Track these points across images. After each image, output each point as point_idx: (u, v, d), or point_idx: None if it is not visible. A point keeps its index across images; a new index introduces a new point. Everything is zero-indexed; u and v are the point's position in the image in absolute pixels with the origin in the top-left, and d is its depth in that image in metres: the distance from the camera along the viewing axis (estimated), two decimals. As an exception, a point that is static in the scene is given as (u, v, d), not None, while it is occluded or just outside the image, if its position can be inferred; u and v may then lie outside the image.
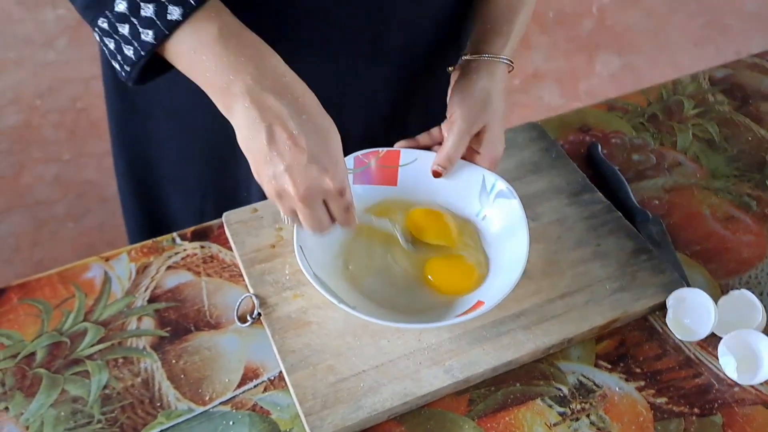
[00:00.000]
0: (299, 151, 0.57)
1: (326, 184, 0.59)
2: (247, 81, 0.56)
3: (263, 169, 0.59)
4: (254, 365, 0.66)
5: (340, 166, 0.60)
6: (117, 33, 0.57)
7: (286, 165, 0.57)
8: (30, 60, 2.37)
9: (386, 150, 0.76)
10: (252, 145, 0.58)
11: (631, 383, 0.66)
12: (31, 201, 1.94)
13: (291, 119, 0.57)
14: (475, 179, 0.74)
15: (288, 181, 0.58)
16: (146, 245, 0.76)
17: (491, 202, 0.73)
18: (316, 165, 0.58)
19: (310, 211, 0.61)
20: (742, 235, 0.79)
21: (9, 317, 0.69)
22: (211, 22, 0.57)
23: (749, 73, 1.00)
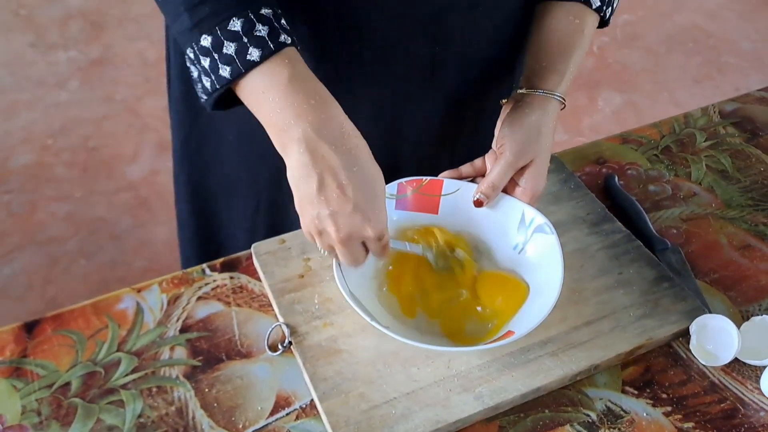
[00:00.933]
0: (346, 201, 0.60)
1: (367, 231, 0.62)
2: (306, 128, 0.59)
3: (307, 209, 0.62)
4: (286, 393, 0.67)
5: (382, 215, 0.63)
6: (199, 64, 0.61)
7: (332, 211, 0.61)
8: (42, 101, 2.41)
9: (429, 179, 0.78)
10: (301, 186, 0.61)
11: (658, 408, 0.67)
12: (44, 238, 1.95)
13: (342, 170, 0.60)
14: (515, 213, 0.75)
15: (330, 225, 0.61)
16: (177, 276, 0.77)
17: (529, 236, 0.74)
18: (360, 214, 0.61)
19: (347, 252, 0.64)
20: (760, 263, 0.80)
21: (44, 348, 0.70)
22: (284, 67, 0.60)
23: (757, 107, 1.03)
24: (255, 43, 0.59)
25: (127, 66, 2.56)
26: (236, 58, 0.60)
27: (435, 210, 0.78)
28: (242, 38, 0.59)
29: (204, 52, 0.60)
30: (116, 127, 2.33)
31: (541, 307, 0.67)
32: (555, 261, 0.70)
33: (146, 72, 2.55)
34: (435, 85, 0.80)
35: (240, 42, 0.59)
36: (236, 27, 0.59)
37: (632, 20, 2.95)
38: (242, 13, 0.59)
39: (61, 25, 2.75)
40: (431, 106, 0.83)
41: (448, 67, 0.79)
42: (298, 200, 0.63)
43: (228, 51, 0.60)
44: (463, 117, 0.87)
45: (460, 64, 0.80)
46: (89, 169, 2.17)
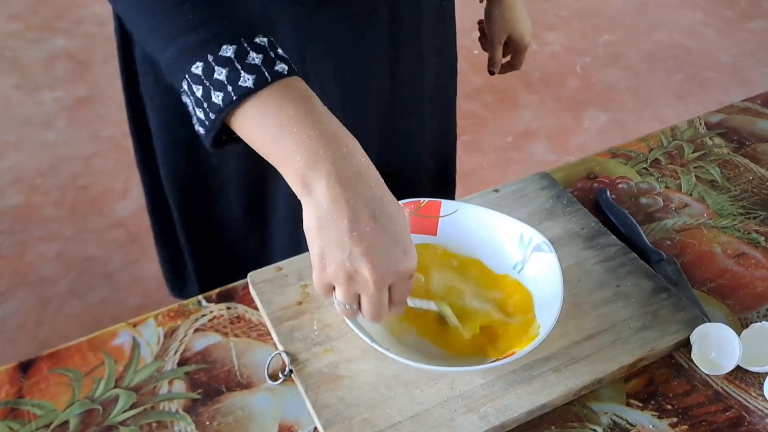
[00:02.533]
0: (381, 233, 0.57)
1: (403, 266, 0.58)
2: (336, 161, 0.56)
3: (335, 252, 0.57)
4: (289, 422, 0.67)
5: (413, 249, 0.60)
6: (193, 95, 0.58)
7: (366, 246, 0.56)
8: (30, 141, 2.40)
9: (428, 200, 0.77)
10: (329, 226, 0.57)
11: (664, 420, 0.66)
12: (35, 279, 1.94)
13: (373, 202, 0.57)
14: (513, 232, 0.75)
15: (365, 264, 0.57)
16: (172, 309, 0.76)
17: (528, 255, 0.74)
18: (396, 246, 0.58)
19: (379, 296, 0.59)
20: (755, 270, 0.80)
21: (40, 387, 0.69)
22: (301, 98, 0.57)
23: (742, 117, 1.04)
24: (248, 70, 0.56)
25: (113, 103, 2.57)
26: (227, 85, 0.56)
27: (434, 231, 0.77)
28: (234, 64, 0.56)
29: (196, 80, 0.57)
30: (104, 164, 2.33)
31: (542, 325, 0.67)
32: (554, 279, 0.70)
33: (133, 109, 2.55)
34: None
35: (232, 68, 0.56)
36: (229, 53, 0.57)
37: (613, 40, 2.99)
38: (235, 40, 0.57)
39: (46, 66, 2.76)
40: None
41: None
42: (321, 246, 0.58)
43: (219, 77, 0.56)
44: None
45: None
46: (79, 208, 2.16)
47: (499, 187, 0.88)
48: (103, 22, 3.01)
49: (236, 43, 0.57)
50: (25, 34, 2.94)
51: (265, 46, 0.58)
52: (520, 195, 0.87)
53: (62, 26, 2.99)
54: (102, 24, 3.00)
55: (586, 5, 3.21)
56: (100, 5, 3.08)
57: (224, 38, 0.57)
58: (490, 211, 0.78)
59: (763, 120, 1.03)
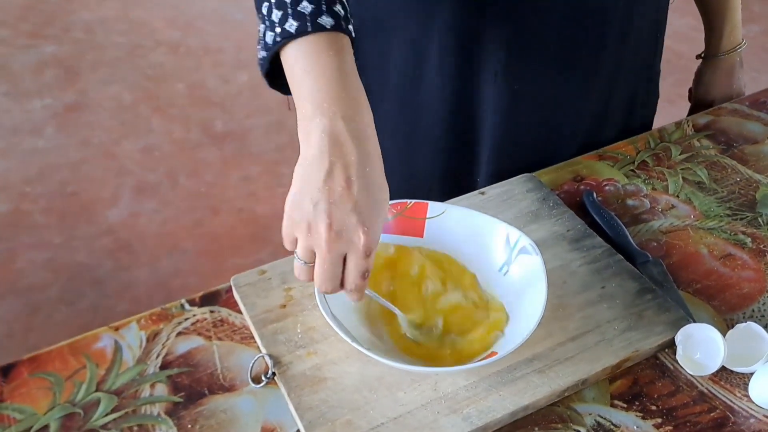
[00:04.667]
0: (348, 197, 0.58)
1: (358, 237, 0.59)
2: (336, 116, 0.59)
3: (304, 200, 0.59)
4: (272, 425, 0.66)
5: (377, 229, 0.60)
6: (259, 32, 0.64)
7: (331, 203, 0.58)
8: (18, 148, 2.40)
9: (414, 202, 0.77)
10: (308, 173, 0.59)
11: (648, 421, 0.66)
12: (24, 286, 1.93)
13: (355, 167, 0.58)
14: (499, 235, 0.75)
15: (324, 218, 0.58)
16: (155, 313, 0.76)
17: (513, 257, 0.74)
18: (356, 216, 0.58)
19: (329, 259, 0.60)
20: (741, 271, 0.80)
21: (21, 391, 0.69)
22: (329, 52, 0.61)
23: (730, 119, 1.04)
24: (295, 15, 0.61)
25: (102, 110, 2.56)
26: (277, 26, 0.61)
27: (420, 233, 0.77)
28: (288, 8, 0.61)
29: (261, 20, 0.63)
30: (94, 171, 2.32)
31: (526, 327, 0.66)
32: (539, 282, 0.69)
33: (122, 115, 2.55)
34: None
35: (285, 11, 0.61)
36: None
37: (603, 45, 3.00)
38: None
39: (35, 73, 2.75)
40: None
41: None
42: (297, 189, 0.60)
43: (274, 18, 0.62)
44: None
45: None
46: (68, 215, 2.16)
47: (485, 189, 0.88)
48: (91, 29, 3.00)
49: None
50: (14, 40, 2.93)
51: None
52: (506, 197, 0.87)
53: (51, 33, 2.98)
54: (91, 31, 3.00)
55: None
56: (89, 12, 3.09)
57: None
58: (476, 213, 0.77)
59: (751, 122, 1.03)
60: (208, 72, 2.84)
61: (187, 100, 2.67)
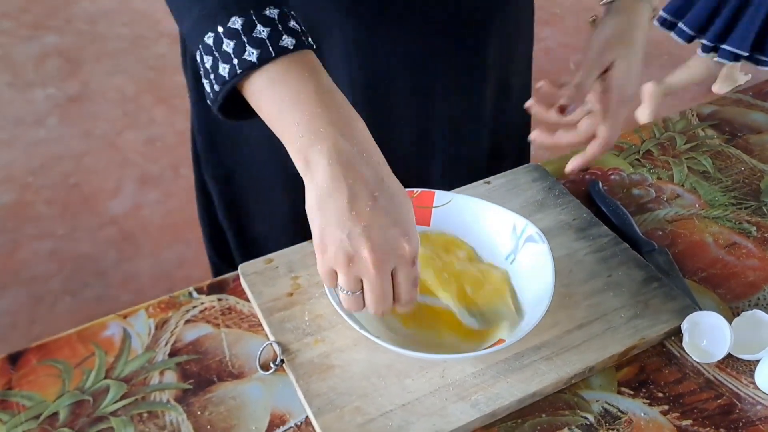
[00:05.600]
0: (380, 213, 0.56)
1: (403, 249, 0.57)
2: (338, 139, 0.56)
3: (335, 233, 0.56)
4: (280, 412, 0.66)
5: (414, 231, 0.59)
6: (203, 65, 0.59)
7: (365, 226, 0.55)
8: (21, 139, 2.39)
9: (421, 191, 0.77)
10: (328, 205, 0.56)
11: (655, 408, 0.66)
12: (27, 277, 1.93)
13: (374, 180, 0.56)
14: (506, 223, 0.75)
15: (364, 244, 0.55)
16: (163, 301, 0.76)
17: (520, 245, 0.74)
18: (396, 228, 0.56)
19: (380, 280, 0.57)
20: (746, 260, 0.80)
21: (29, 379, 0.69)
22: (308, 73, 0.57)
23: (734, 108, 1.04)
24: (252, 43, 0.56)
25: (105, 101, 2.56)
26: (233, 58, 0.56)
27: (427, 222, 0.77)
28: (241, 36, 0.56)
29: (207, 51, 0.58)
30: (96, 162, 2.32)
31: (533, 315, 0.67)
32: (546, 269, 0.70)
33: (124, 106, 2.55)
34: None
35: (238, 40, 0.56)
36: (237, 25, 0.56)
37: (605, 36, 2.99)
38: (244, 12, 0.56)
39: (37, 64, 2.75)
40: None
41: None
42: (321, 227, 0.57)
43: (227, 49, 0.57)
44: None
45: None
46: (71, 206, 2.16)
47: (491, 179, 0.88)
48: (94, 20, 3.00)
49: (245, 15, 0.57)
50: (17, 31, 2.93)
51: (275, 18, 0.57)
52: (512, 186, 0.87)
53: (54, 24, 2.98)
54: (93, 22, 2.99)
55: (580, 1, 3.22)
56: (91, 3, 3.08)
57: (233, 10, 0.57)
58: (483, 202, 0.77)
59: (754, 111, 1.03)
60: (210, 63, 2.83)
61: (190, 92, 2.67)
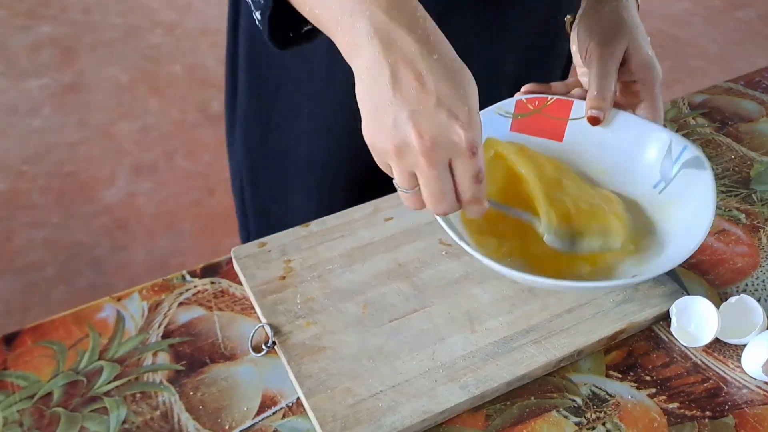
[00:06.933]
0: (426, 95, 0.49)
1: (456, 134, 0.50)
2: (375, 11, 0.50)
3: (381, 120, 0.50)
4: (272, 393, 0.67)
5: (474, 117, 0.51)
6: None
7: (410, 110, 0.49)
8: (16, 128, 2.39)
9: (556, 98, 0.67)
10: (371, 88, 0.50)
11: (643, 391, 0.67)
12: (22, 265, 1.94)
13: (420, 58, 0.49)
14: (659, 144, 0.64)
15: (411, 130, 0.49)
16: (157, 284, 0.77)
17: (675, 172, 0.64)
18: (445, 110, 0.49)
19: (433, 172, 0.51)
20: (735, 246, 0.81)
21: (24, 359, 0.70)
22: None
23: (725, 97, 1.05)
24: None
25: (99, 91, 2.56)
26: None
27: (559, 136, 0.67)
28: None
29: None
30: (91, 151, 2.32)
31: (679, 250, 0.58)
32: (705, 202, 0.59)
33: (119, 96, 2.55)
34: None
35: None
36: None
37: (601, 28, 3.00)
38: None
39: (32, 53, 2.74)
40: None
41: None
42: (368, 115, 0.51)
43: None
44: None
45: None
46: (65, 194, 2.16)
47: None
48: (89, 10, 2.99)
49: None
50: (11, 21, 2.92)
51: None
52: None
53: (48, 13, 2.97)
54: (88, 11, 2.98)
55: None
56: (87, -8, 3.07)
57: None
58: (630, 116, 0.66)
59: (745, 100, 1.04)
60: (205, 53, 2.83)
61: (185, 81, 2.67)
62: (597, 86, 0.64)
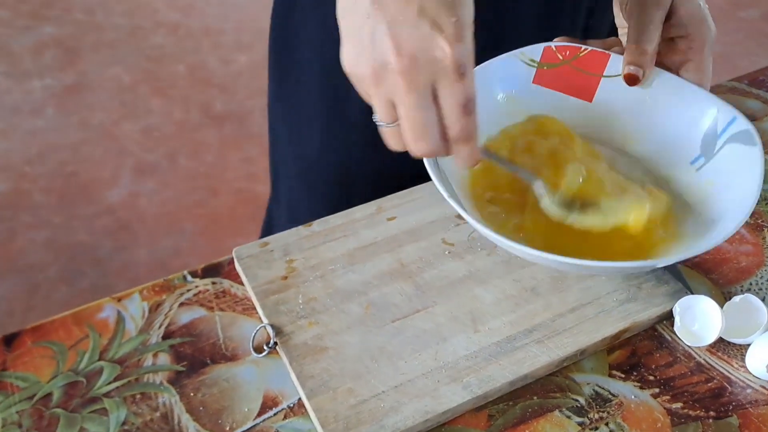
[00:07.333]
0: (408, 2, 0.42)
1: (439, 49, 0.43)
2: None
3: (360, 38, 0.44)
4: (273, 394, 0.67)
5: (464, 31, 0.43)
6: None
7: (389, 21, 0.42)
8: (18, 128, 2.39)
9: (592, 49, 0.57)
10: (351, 5, 0.44)
11: (646, 390, 0.67)
12: (24, 265, 1.94)
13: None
14: (704, 112, 0.56)
15: (389, 46, 0.43)
16: (157, 284, 0.76)
17: (719, 146, 0.56)
18: (428, 20, 0.42)
19: (414, 96, 0.44)
20: (739, 245, 0.81)
21: (24, 360, 0.69)
22: None
23: (729, 96, 1.04)
24: None
25: (102, 91, 2.56)
26: None
27: (589, 95, 0.58)
28: None
29: None
30: (93, 151, 2.32)
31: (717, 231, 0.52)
32: (751, 179, 0.51)
33: (122, 96, 2.55)
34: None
35: None
36: None
37: (603, 28, 2.99)
38: None
39: (35, 53, 2.74)
40: None
41: None
42: (347, 36, 0.45)
43: None
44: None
45: None
46: (67, 195, 2.16)
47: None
48: (92, 10, 2.99)
49: None
50: (14, 21, 2.92)
51: None
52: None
53: (51, 14, 2.97)
54: (91, 12, 2.98)
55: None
56: (90, -7, 3.07)
57: None
58: (676, 78, 0.58)
59: (749, 99, 1.04)
60: (208, 53, 2.83)
61: (187, 81, 2.67)
62: (637, 37, 0.55)
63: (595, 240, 0.58)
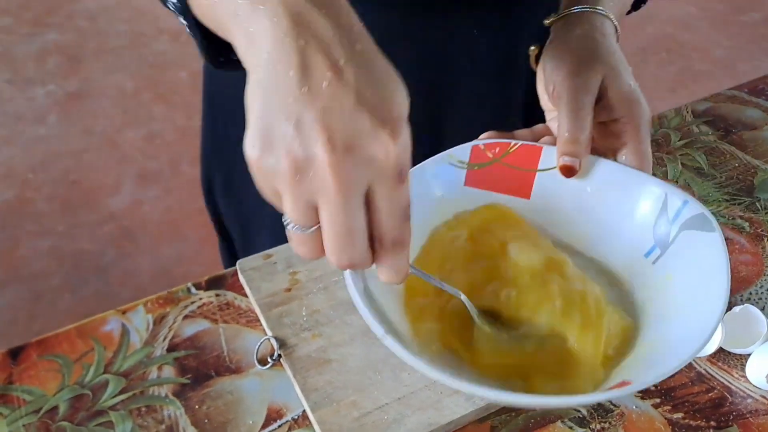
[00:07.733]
0: (344, 90, 0.36)
1: (380, 146, 0.37)
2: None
3: (277, 124, 0.37)
4: (277, 406, 0.67)
5: (404, 130, 0.38)
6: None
7: (321, 108, 0.36)
8: (21, 136, 2.40)
9: (522, 144, 0.53)
10: (269, 83, 0.37)
11: (647, 401, 0.67)
12: (27, 274, 1.94)
13: (339, 45, 0.37)
14: (650, 197, 0.51)
15: (318, 136, 0.36)
16: (162, 296, 0.77)
17: (674, 234, 0.51)
18: (367, 112, 0.36)
19: (344, 199, 0.37)
20: (739, 255, 0.81)
21: (30, 373, 0.70)
22: None
23: (729, 105, 1.05)
24: None
25: (105, 98, 2.57)
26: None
27: (526, 193, 0.54)
28: None
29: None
30: (96, 159, 2.33)
31: (683, 339, 0.46)
32: (716, 271, 0.46)
33: (124, 103, 2.56)
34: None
35: None
36: None
37: (604, 32, 2.99)
38: None
39: (38, 60, 2.75)
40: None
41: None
42: (257, 117, 0.37)
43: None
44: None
45: None
46: (71, 203, 2.17)
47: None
48: (94, 17, 3.00)
49: None
50: (17, 28, 2.93)
51: None
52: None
53: (54, 21, 2.98)
54: (93, 19, 3.00)
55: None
56: (92, 0, 3.08)
57: None
58: (615, 164, 0.54)
59: (749, 108, 1.04)
60: (209, 60, 2.84)
61: (190, 88, 2.67)
62: (569, 127, 0.51)
63: (545, 354, 0.53)
